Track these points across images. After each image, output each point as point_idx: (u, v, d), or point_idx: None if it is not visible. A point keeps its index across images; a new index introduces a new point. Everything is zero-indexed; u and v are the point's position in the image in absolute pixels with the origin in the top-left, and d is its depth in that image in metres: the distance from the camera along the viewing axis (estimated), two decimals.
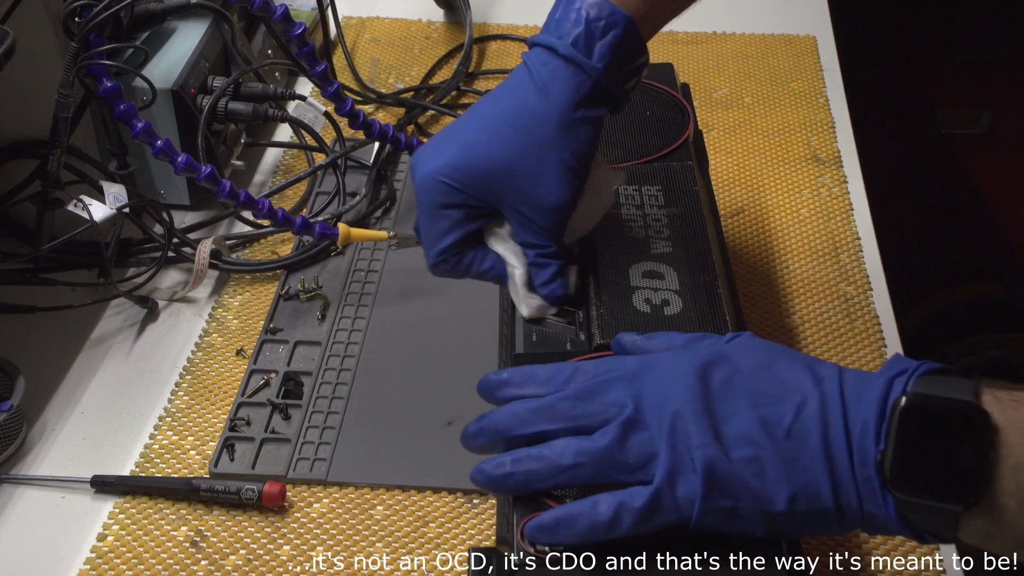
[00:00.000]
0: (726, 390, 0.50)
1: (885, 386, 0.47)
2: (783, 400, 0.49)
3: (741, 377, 0.51)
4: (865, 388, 0.48)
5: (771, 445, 0.48)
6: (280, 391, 0.81)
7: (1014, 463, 0.43)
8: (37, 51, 0.85)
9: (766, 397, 0.50)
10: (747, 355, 0.52)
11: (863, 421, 0.47)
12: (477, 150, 0.64)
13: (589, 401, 0.52)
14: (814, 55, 1.20)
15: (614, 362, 0.55)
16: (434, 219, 0.67)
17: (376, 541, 0.71)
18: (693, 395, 0.50)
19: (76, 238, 0.84)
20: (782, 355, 0.52)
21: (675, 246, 0.69)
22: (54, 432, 0.79)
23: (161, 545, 0.71)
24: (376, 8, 1.31)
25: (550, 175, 0.63)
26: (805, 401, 0.49)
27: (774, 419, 0.49)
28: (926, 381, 0.47)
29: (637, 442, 0.50)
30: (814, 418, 0.48)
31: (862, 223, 0.98)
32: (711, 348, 0.53)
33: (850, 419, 0.48)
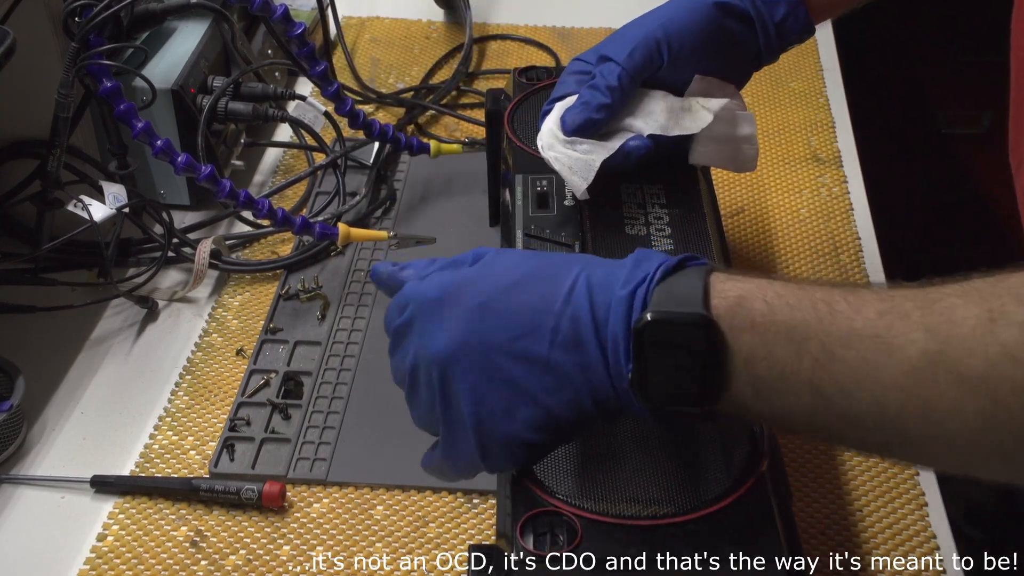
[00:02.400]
0: (481, 322, 0.51)
1: (628, 301, 0.50)
2: (537, 327, 0.51)
3: (493, 303, 0.52)
4: (611, 302, 0.50)
5: (530, 381, 0.51)
6: (280, 391, 0.81)
7: (745, 357, 0.47)
8: (37, 51, 0.85)
9: (520, 326, 0.51)
10: (490, 268, 0.54)
11: (614, 339, 0.50)
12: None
13: (394, 368, 0.57)
14: (814, 55, 1.20)
15: (391, 314, 0.56)
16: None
17: (376, 541, 0.71)
18: (450, 341, 0.52)
19: (76, 238, 0.84)
20: (524, 261, 0.54)
21: (677, 245, 0.69)
22: (54, 432, 0.79)
23: (161, 545, 0.71)
24: (376, 8, 1.31)
25: (637, 33, 0.71)
26: (558, 326, 0.51)
27: (531, 352, 0.51)
28: (662, 290, 0.49)
29: (422, 404, 0.55)
30: (568, 342, 0.50)
31: (862, 223, 0.98)
32: (459, 279, 0.54)
33: (601, 336, 0.50)
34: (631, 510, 0.54)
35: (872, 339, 0.45)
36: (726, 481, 0.55)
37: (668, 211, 0.72)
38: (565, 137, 0.71)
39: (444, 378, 0.52)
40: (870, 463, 0.76)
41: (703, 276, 0.49)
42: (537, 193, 0.76)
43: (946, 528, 0.72)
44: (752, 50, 0.74)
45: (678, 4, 0.72)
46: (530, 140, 0.80)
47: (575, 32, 1.26)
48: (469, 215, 0.97)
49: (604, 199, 0.73)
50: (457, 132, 1.11)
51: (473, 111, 1.13)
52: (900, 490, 0.74)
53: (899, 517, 0.73)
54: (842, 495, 0.74)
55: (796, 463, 0.76)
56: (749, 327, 0.47)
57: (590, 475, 0.56)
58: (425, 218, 0.99)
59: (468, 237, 0.95)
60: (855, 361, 0.45)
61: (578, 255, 0.58)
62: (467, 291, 0.53)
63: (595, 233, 0.71)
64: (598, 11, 1.28)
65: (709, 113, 0.71)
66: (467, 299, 0.52)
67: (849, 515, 0.73)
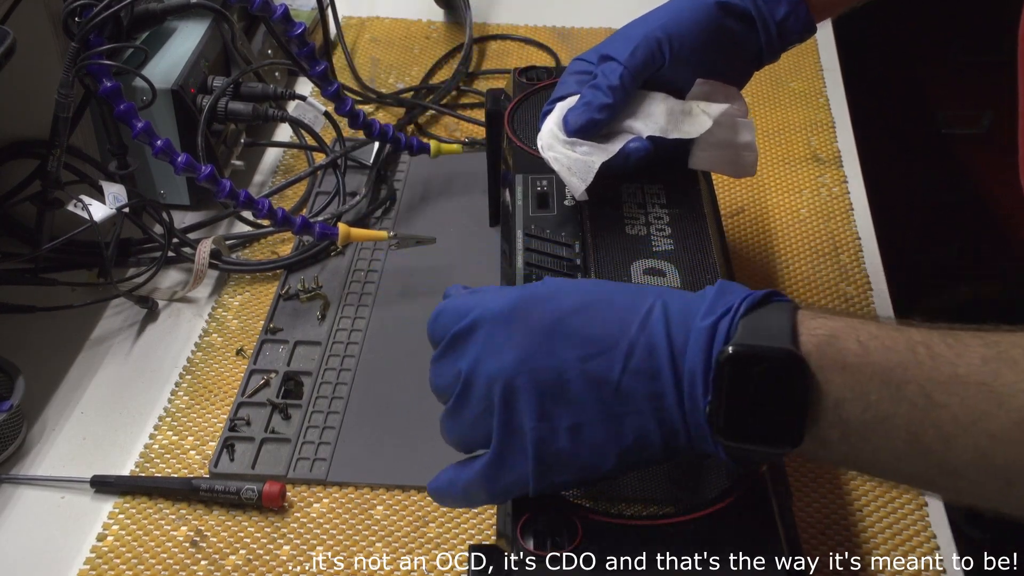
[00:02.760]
0: (551, 341, 0.50)
1: (710, 333, 0.48)
2: (610, 349, 0.49)
3: (566, 323, 0.50)
4: (691, 332, 0.48)
5: (599, 406, 0.49)
6: (280, 391, 0.81)
7: (835, 399, 0.45)
8: (37, 51, 0.85)
9: (593, 345, 0.49)
10: (566, 293, 0.52)
11: (691, 371, 0.48)
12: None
13: (438, 375, 0.54)
14: (814, 55, 1.20)
15: (452, 314, 0.53)
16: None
17: (376, 541, 0.71)
18: (519, 358, 0.50)
19: (76, 238, 0.84)
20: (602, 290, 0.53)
21: (676, 244, 0.69)
22: (54, 432, 0.79)
23: (161, 545, 0.71)
24: (376, 8, 1.31)
25: (639, 32, 0.71)
26: (632, 351, 0.49)
27: (603, 374, 0.49)
28: (748, 324, 0.47)
29: (472, 417, 0.52)
30: (642, 371, 0.49)
31: (862, 223, 0.98)
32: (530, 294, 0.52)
33: (679, 368, 0.48)
34: (631, 510, 0.54)
35: (978, 386, 0.43)
36: (726, 481, 0.55)
37: (668, 211, 0.72)
38: (566, 138, 0.71)
39: (507, 392, 0.50)
40: None
41: (791, 312, 0.48)
42: (537, 193, 0.76)
43: (946, 528, 0.72)
44: (753, 49, 0.74)
45: (679, 4, 0.72)
46: (530, 140, 0.80)
47: (575, 32, 1.26)
48: (469, 215, 0.98)
49: (604, 199, 0.73)
50: (457, 132, 1.11)
51: (473, 111, 1.13)
52: (900, 490, 0.74)
53: (899, 517, 0.73)
54: (842, 495, 0.74)
55: (796, 463, 0.76)
56: (840, 367, 0.45)
57: None
58: (425, 218, 0.99)
59: (468, 237, 0.95)
60: (958, 409, 0.43)
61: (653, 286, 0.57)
62: (540, 308, 0.51)
63: (595, 233, 0.71)
64: (598, 11, 1.28)
65: (709, 118, 0.71)
66: (539, 316, 0.51)
67: (849, 515, 0.73)
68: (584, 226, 0.72)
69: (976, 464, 0.43)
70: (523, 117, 0.83)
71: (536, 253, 0.71)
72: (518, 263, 0.71)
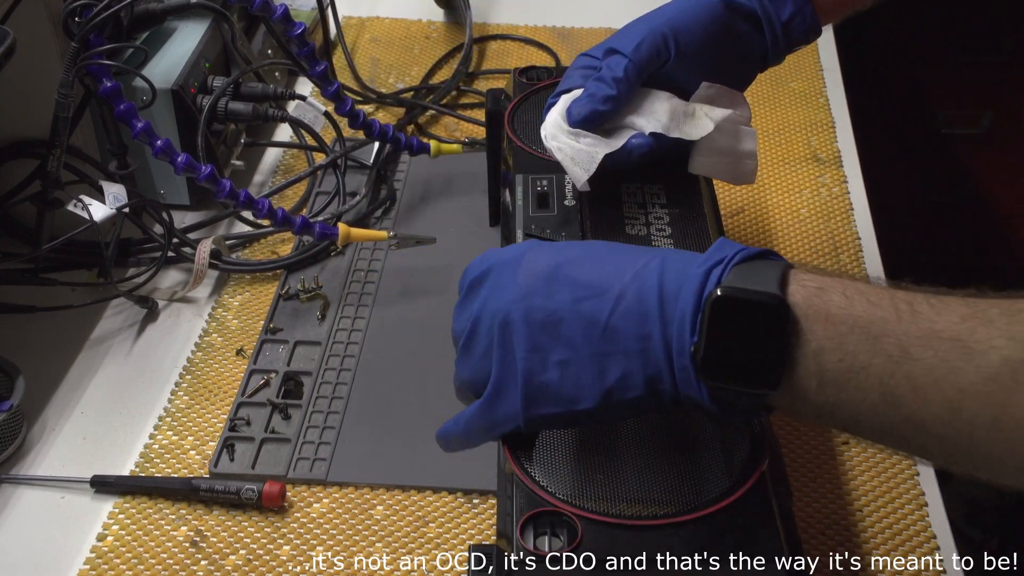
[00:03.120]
0: (550, 284, 0.53)
1: (702, 278, 0.50)
2: (603, 292, 0.52)
3: (566, 269, 0.54)
4: (684, 280, 0.50)
5: (587, 344, 0.52)
6: (280, 391, 0.81)
7: (815, 347, 0.47)
8: (37, 51, 0.85)
9: (587, 289, 0.52)
10: (573, 247, 0.56)
11: (681, 314, 0.50)
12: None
13: (456, 320, 0.58)
14: (814, 55, 1.20)
15: (471, 266, 0.59)
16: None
17: (376, 541, 0.71)
18: (519, 296, 0.54)
19: (76, 238, 0.84)
20: (607, 247, 0.56)
21: (677, 244, 0.69)
22: (54, 432, 0.79)
23: (161, 545, 0.71)
24: (376, 8, 1.31)
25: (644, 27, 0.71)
26: (624, 294, 0.52)
27: (593, 314, 0.52)
28: (740, 271, 0.49)
29: (475, 357, 0.56)
30: (633, 311, 0.51)
31: (862, 223, 0.98)
32: (541, 244, 0.57)
33: (667, 311, 0.50)
34: (631, 510, 0.54)
35: (952, 342, 0.44)
36: (726, 481, 0.55)
37: (668, 211, 0.72)
38: (569, 128, 0.71)
39: (505, 327, 0.54)
40: (870, 463, 0.76)
41: (783, 266, 0.50)
42: (537, 193, 0.76)
43: (946, 528, 0.72)
44: (759, 50, 0.74)
45: (686, 2, 0.72)
46: (530, 140, 0.80)
47: (575, 32, 1.26)
48: (469, 215, 0.98)
49: (604, 199, 0.73)
50: (457, 132, 1.11)
51: (473, 111, 1.13)
52: (900, 490, 0.74)
53: (899, 517, 0.73)
54: (842, 495, 0.74)
55: (796, 463, 0.76)
56: (824, 318, 0.47)
57: (590, 475, 0.56)
58: (425, 218, 0.99)
59: (468, 237, 0.95)
60: (932, 362, 0.44)
61: (661, 248, 0.60)
62: (544, 256, 0.55)
63: (595, 233, 0.71)
64: (598, 11, 1.28)
65: (711, 122, 0.71)
66: (542, 262, 0.54)
67: (849, 515, 0.73)
68: (584, 226, 0.72)
69: (944, 418, 0.44)
70: (523, 117, 0.83)
71: None
72: None
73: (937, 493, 0.74)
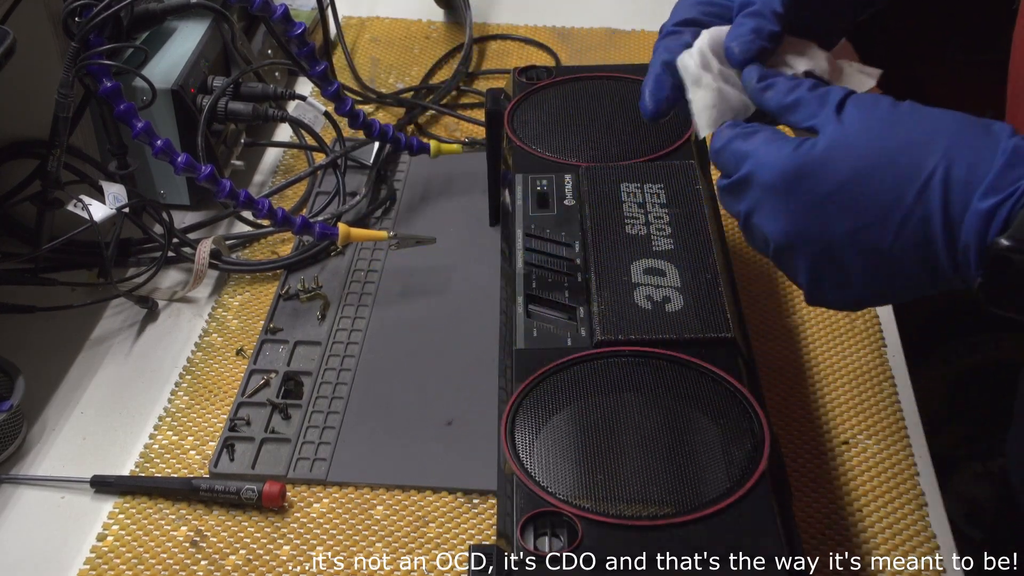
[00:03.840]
0: (824, 213, 0.51)
1: (986, 218, 0.47)
2: (883, 219, 0.50)
3: (837, 194, 0.51)
4: (969, 209, 0.48)
5: (869, 271, 0.52)
6: (280, 391, 0.81)
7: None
8: (37, 51, 0.85)
9: (865, 215, 0.51)
10: (844, 159, 0.52)
11: (965, 247, 0.48)
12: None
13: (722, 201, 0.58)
14: None
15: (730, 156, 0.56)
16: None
17: (376, 541, 0.71)
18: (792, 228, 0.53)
19: (76, 238, 0.84)
20: (883, 151, 0.51)
21: (677, 244, 0.69)
22: (54, 432, 0.79)
23: (161, 545, 0.71)
24: (376, 8, 1.31)
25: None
26: (906, 221, 0.50)
27: (873, 243, 0.51)
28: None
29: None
30: (915, 240, 0.50)
31: None
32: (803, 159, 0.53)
33: (954, 235, 0.49)
34: (631, 510, 0.54)
35: None
36: (726, 481, 0.55)
37: (668, 210, 0.72)
38: (721, 67, 0.62)
39: (780, 252, 0.54)
40: (870, 463, 0.76)
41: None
42: (537, 193, 0.76)
43: (946, 528, 0.72)
44: None
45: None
46: (530, 140, 0.80)
47: (575, 32, 1.26)
48: (469, 215, 0.97)
49: (604, 198, 0.73)
50: (457, 132, 1.11)
51: (473, 111, 1.13)
52: (900, 490, 0.74)
53: (899, 517, 0.73)
54: (842, 495, 0.74)
55: (796, 463, 0.76)
56: None
57: (590, 475, 0.56)
58: (425, 218, 0.99)
59: (468, 237, 0.95)
60: None
61: (943, 131, 0.51)
62: (812, 180, 0.52)
63: (595, 232, 0.71)
64: (598, 11, 1.28)
65: (871, 79, 0.64)
66: (811, 189, 0.52)
67: (849, 515, 0.73)
68: (584, 225, 0.72)
69: None
70: (523, 117, 0.83)
71: (536, 253, 0.71)
72: (518, 263, 0.71)
73: (937, 493, 0.74)
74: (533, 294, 0.69)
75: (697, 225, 0.71)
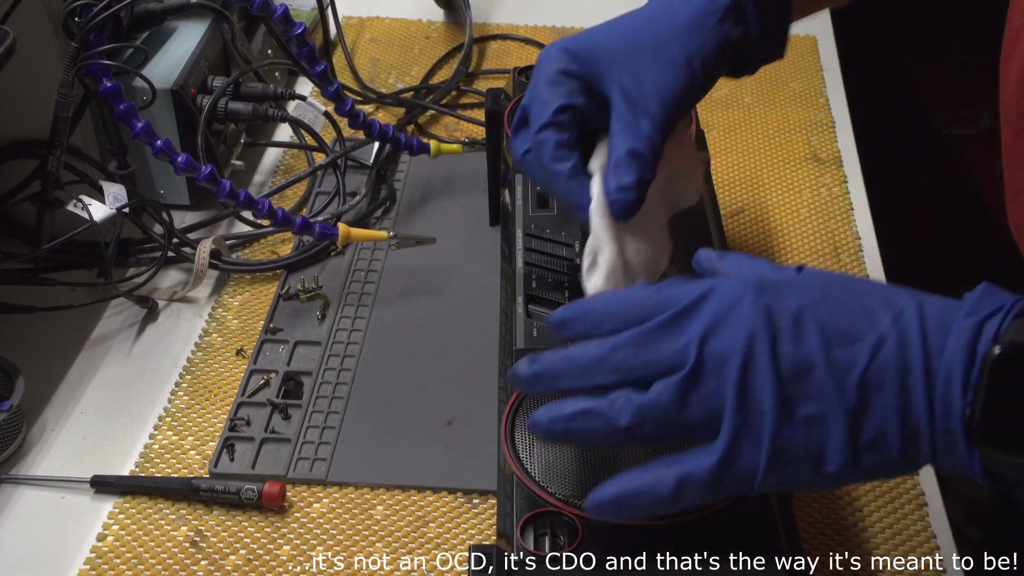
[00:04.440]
0: (797, 328, 0.47)
1: (974, 331, 0.44)
2: (858, 339, 0.46)
3: (812, 311, 0.47)
4: (951, 328, 0.45)
5: (839, 399, 0.46)
6: (280, 391, 0.81)
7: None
8: (37, 51, 0.85)
9: (839, 335, 0.46)
10: (816, 286, 0.49)
11: (948, 369, 0.44)
12: (604, 32, 0.66)
13: (650, 348, 0.49)
14: (814, 55, 1.20)
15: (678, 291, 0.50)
16: (552, 84, 0.63)
17: (376, 541, 0.71)
18: (760, 340, 0.47)
19: (76, 238, 0.84)
20: (853, 283, 0.50)
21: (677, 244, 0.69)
22: (54, 432, 0.79)
23: (161, 545, 0.71)
24: (376, 8, 1.31)
25: (666, 60, 0.61)
26: (882, 342, 0.46)
27: (847, 363, 0.46)
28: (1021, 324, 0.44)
29: (699, 398, 0.47)
30: (892, 363, 0.45)
31: (862, 223, 0.98)
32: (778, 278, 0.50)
33: (933, 364, 0.45)
34: None
35: None
36: None
37: None
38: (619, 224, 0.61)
39: (746, 371, 0.46)
40: None
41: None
42: (537, 193, 0.76)
43: (946, 528, 0.72)
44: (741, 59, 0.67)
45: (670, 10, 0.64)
46: None
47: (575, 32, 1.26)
48: (469, 215, 0.97)
49: None
50: (457, 132, 1.11)
51: (473, 111, 1.13)
52: (900, 490, 0.74)
53: (899, 517, 0.73)
54: (842, 495, 0.74)
55: None
56: None
57: (590, 475, 0.56)
58: (425, 218, 0.99)
59: (468, 237, 0.95)
60: None
61: (906, 288, 0.50)
62: (783, 290, 0.49)
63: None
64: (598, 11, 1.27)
65: (697, 193, 0.65)
66: (788, 302, 0.48)
67: (849, 515, 0.73)
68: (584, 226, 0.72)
69: None
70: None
71: (536, 253, 0.71)
72: (518, 263, 0.71)
73: (937, 493, 0.74)
74: (533, 294, 0.69)
75: (698, 225, 0.71)
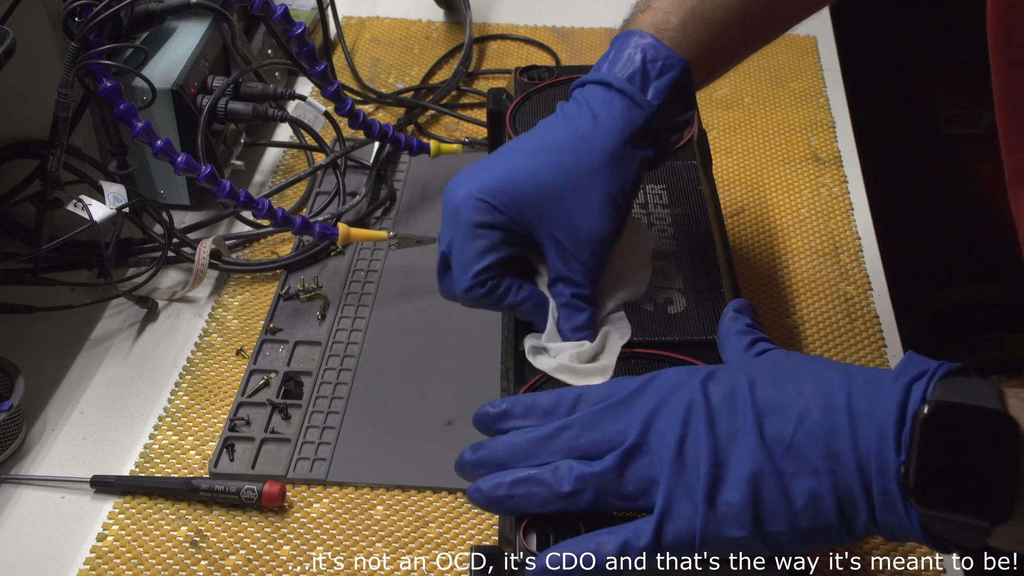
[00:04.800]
0: (730, 404, 0.49)
1: (903, 391, 0.45)
2: (785, 409, 0.48)
3: (744, 389, 0.49)
4: (880, 392, 0.46)
5: (770, 463, 0.47)
6: (280, 391, 0.81)
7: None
8: (37, 51, 0.85)
9: (769, 407, 0.48)
10: (753, 366, 0.52)
11: (880, 431, 0.45)
12: (519, 172, 0.61)
13: (593, 430, 0.51)
14: (814, 55, 1.20)
15: (619, 383, 0.53)
16: (471, 239, 0.61)
17: (376, 541, 0.71)
18: (696, 414, 0.49)
19: (76, 238, 0.84)
20: (790, 362, 0.51)
21: (679, 245, 0.69)
22: (54, 432, 0.79)
23: (161, 545, 0.71)
24: (376, 8, 1.31)
25: (592, 204, 0.60)
26: (808, 410, 0.47)
27: (775, 433, 0.47)
28: (947, 385, 0.45)
29: (639, 467, 0.50)
30: (818, 427, 0.47)
31: (862, 223, 0.98)
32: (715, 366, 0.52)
33: (859, 428, 0.46)
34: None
35: None
36: None
37: (670, 211, 0.72)
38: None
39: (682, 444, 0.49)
40: None
41: (993, 382, 0.45)
42: None
43: None
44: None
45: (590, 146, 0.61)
46: None
47: (575, 32, 1.26)
48: None
49: None
50: (457, 132, 1.11)
51: (473, 111, 1.13)
52: None
53: None
54: None
55: None
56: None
57: None
58: (425, 218, 0.99)
59: None
60: None
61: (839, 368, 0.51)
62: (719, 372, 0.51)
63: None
64: (598, 11, 1.28)
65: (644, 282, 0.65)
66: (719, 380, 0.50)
67: None
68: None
69: None
70: (524, 117, 0.83)
71: None
72: None
73: None
74: None
75: (699, 226, 0.71)
